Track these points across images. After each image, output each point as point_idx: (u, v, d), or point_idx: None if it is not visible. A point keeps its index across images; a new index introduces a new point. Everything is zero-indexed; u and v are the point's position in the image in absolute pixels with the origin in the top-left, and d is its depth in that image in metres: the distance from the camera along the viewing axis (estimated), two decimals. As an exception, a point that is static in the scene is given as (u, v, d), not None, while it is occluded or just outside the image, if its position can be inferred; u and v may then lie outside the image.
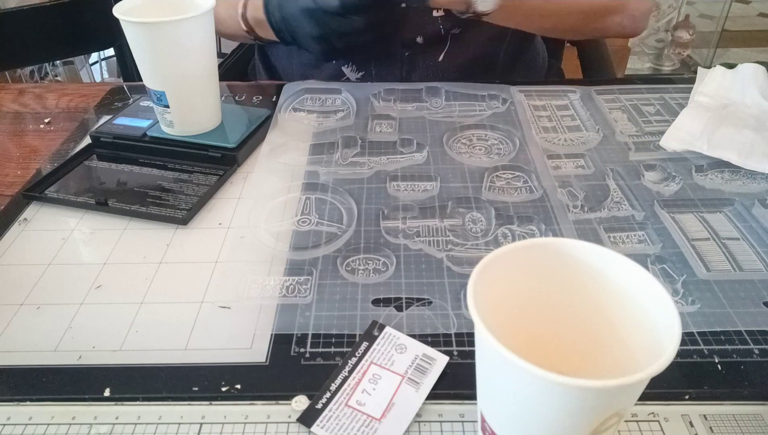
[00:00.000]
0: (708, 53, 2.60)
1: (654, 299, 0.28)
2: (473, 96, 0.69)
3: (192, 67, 0.56)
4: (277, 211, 0.52)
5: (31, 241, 0.50)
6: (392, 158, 0.59)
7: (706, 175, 0.56)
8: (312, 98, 0.70)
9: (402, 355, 0.38)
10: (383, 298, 0.43)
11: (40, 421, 0.35)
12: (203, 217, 0.52)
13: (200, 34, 0.54)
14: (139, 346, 0.40)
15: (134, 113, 0.64)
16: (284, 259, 0.47)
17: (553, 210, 0.51)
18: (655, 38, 2.61)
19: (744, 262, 0.46)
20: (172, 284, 0.45)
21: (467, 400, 0.36)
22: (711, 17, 2.62)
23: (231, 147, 0.58)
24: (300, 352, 0.39)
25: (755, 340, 0.40)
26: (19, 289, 0.45)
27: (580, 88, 0.71)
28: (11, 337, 0.41)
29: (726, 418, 0.35)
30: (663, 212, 0.51)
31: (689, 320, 0.41)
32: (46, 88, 0.76)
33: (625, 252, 0.33)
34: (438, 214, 0.51)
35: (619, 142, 0.61)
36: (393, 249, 0.47)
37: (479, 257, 0.29)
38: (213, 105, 0.61)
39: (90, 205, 0.53)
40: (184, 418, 0.35)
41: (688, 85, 0.70)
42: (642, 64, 2.59)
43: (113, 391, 0.37)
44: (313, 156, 0.59)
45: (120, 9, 0.53)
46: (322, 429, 0.34)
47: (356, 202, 0.53)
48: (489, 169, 0.57)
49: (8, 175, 0.59)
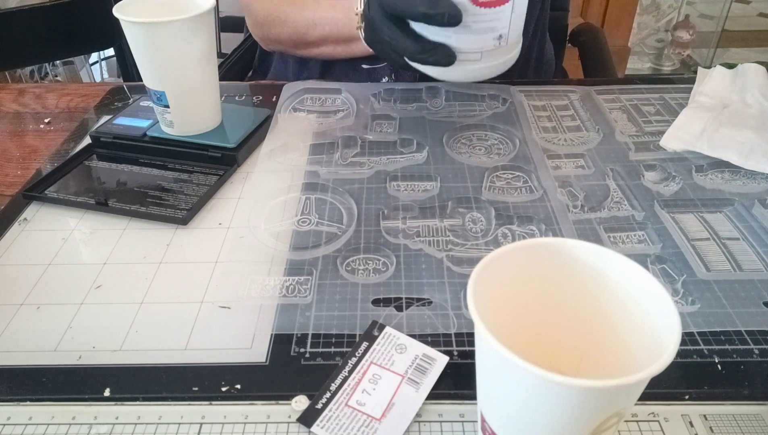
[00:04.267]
0: (708, 53, 2.60)
1: (654, 299, 0.28)
2: (473, 96, 0.69)
3: (192, 67, 0.56)
4: (277, 211, 0.52)
5: (31, 241, 0.50)
6: (392, 158, 0.59)
7: (706, 175, 0.56)
8: (312, 98, 0.70)
9: (402, 355, 0.38)
10: (383, 298, 0.43)
11: (40, 421, 0.35)
12: (203, 217, 0.52)
13: (200, 34, 0.54)
14: (139, 346, 0.40)
15: (134, 113, 0.64)
16: (284, 259, 0.47)
17: (553, 210, 0.51)
18: (655, 38, 2.62)
19: (744, 262, 0.46)
20: (172, 284, 0.45)
21: (467, 400, 0.36)
22: (711, 17, 2.62)
23: (231, 147, 0.58)
24: (300, 352, 0.39)
25: (755, 340, 0.40)
26: (19, 289, 0.45)
27: (580, 88, 0.71)
28: (11, 337, 0.41)
29: (726, 418, 0.35)
30: (663, 212, 0.51)
31: (689, 320, 0.41)
32: (46, 88, 0.76)
33: (625, 252, 0.33)
34: (438, 214, 0.51)
35: (619, 142, 0.61)
36: (393, 249, 0.47)
37: (479, 257, 0.29)
38: (213, 105, 0.61)
39: (90, 205, 0.53)
40: (184, 418, 0.35)
41: (688, 85, 0.70)
42: (642, 64, 2.59)
43: (113, 391, 0.37)
44: (313, 156, 0.59)
45: (120, 9, 0.53)
46: (322, 429, 0.34)
47: (356, 202, 0.53)
48: (489, 169, 0.57)
49: (8, 175, 0.59)
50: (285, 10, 0.73)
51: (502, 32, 0.53)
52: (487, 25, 0.52)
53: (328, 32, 0.70)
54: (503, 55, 0.56)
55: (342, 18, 0.68)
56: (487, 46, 0.54)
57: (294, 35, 0.73)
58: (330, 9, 0.69)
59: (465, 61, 0.54)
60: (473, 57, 0.54)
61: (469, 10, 0.50)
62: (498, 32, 0.53)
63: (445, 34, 0.53)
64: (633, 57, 2.48)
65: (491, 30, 0.53)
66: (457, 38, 0.53)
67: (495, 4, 0.51)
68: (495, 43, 0.54)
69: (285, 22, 0.73)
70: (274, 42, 0.78)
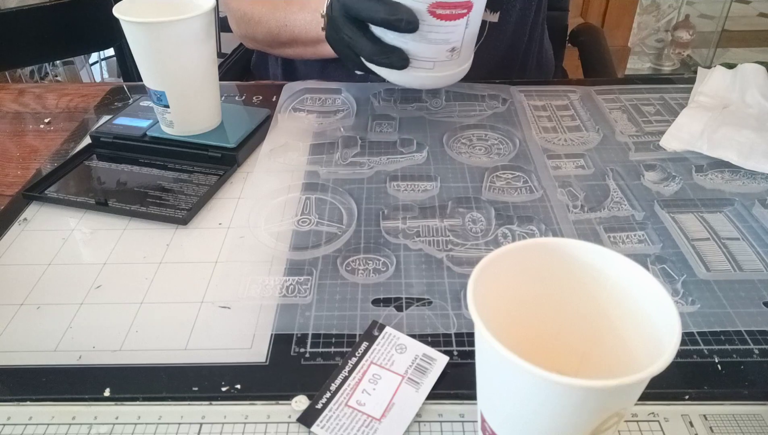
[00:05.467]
0: (708, 53, 2.60)
1: (654, 299, 0.28)
2: (473, 96, 0.69)
3: (192, 67, 0.56)
4: (277, 211, 0.52)
5: (31, 241, 0.50)
6: (392, 158, 0.59)
7: (706, 175, 0.56)
8: (312, 98, 0.70)
9: (402, 355, 0.38)
10: (383, 298, 0.43)
11: (40, 421, 0.35)
12: (203, 217, 0.52)
13: (200, 34, 0.54)
14: (139, 346, 0.40)
15: (134, 113, 0.64)
16: (284, 259, 0.47)
17: (553, 210, 0.51)
18: (655, 38, 2.62)
19: (744, 262, 0.46)
20: (172, 284, 0.45)
21: (467, 400, 0.36)
22: (711, 17, 2.62)
23: (231, 147, 0.58)
24: (300, 352, 0.39)
25: (755, 340, 0.40)
26: (19, 289, 0.45)
27: (580, 88, 0.71)
28: (11, 337, 0.41)
29: (726, 418, 0.35)
30: (663, 212, 0.51)
31: (689, 320, 0.41)
32: (46, 88, 0.76)
33: (625, 252, 0.33)
34: (438, 214, 0.51)
35: (619, 142, 0.61)
36: (393, 249, 0.47)
37: (479, 257, 0.29)
38: (213, 105, 0.61)
39: (90, 205, 0.53)
40: (184, 418, 0.35)
41: (688, 85, 0.70)
42: (642, 64, 2.60)
43: (113, 391, 0.37)
44: (313, 156, 0.59)
45: (120, 9, 0.53)
46: (322, 429, 0.34)
47: (356, 202, 0.53)
48: (489, 169, 0.57)
49: (8, 175, 0.59)
50: (259, 10, 0.74)
51: (456, 45, 0.56)
52: (442, 36, 0.55)
53: (297, 33, 0.71)
54: (454, 68, 0.59)
55: (311, 20, 0.70)
56: (440, 57, 0.56)
57: (267, 35, 0.75)
58: (300, 11, 0.71)
59: (418, 68, 0.57)
60: (426, 65, 0.57)
61: (426, 21, 0.53)
62: (452, 45, 0.56)
63: (402, 40, 0.55)
64: (633, 57, 2.49)
65: (445, 42, 0.55)
66: (413, 45, 0.55)
67: (451, 18, 0.53)
68: (448, 55, 0.57)
69: (259, 22, 0.75)
70: (251, 41, 0.80)
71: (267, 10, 0.73)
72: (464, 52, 0.58)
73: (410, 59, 0.56)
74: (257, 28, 0.75)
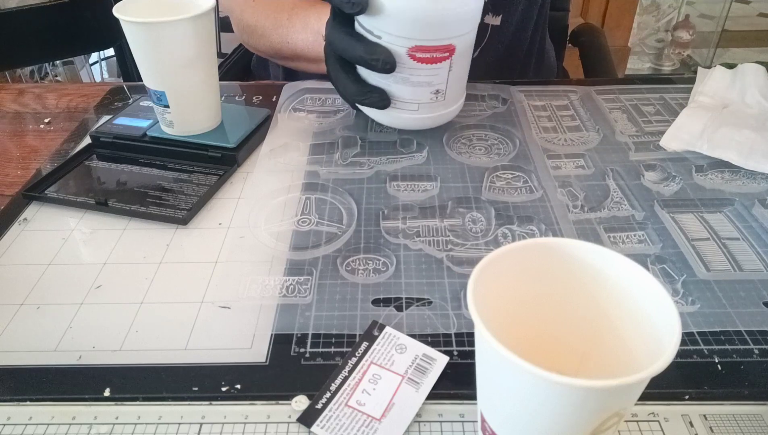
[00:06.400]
0: (708, 53, 2.60)
1: (654, 299, 0.28)
2: (473, 96, 0.69)
3: (192, 67, 0.56)
4: (277, 211, 0.52)
5: (31, 241, 0.50)
6: (392, 158, 0.59)
7: (706, 175, 0.56)
8: (312, 98, 0.70)
9: (402, 355, 0.38)
10: (383, 298, 0.43)
11: (40, 421, 0.35)
12: (203, 217, 0.52)
13: (200, 34, 0.54)
14: (139, 346, 0.40)
15: (134, 113, 0.64)
16: (284, 259, 0.47)
17: (553, 210, 0.52)
18: (655, 38, 2.62)
19: (744, 262, 0.46)
20: (172, 284, 0.45)
21: (467, 400, 0.36)
22: (711, 17, 2.62)
23: (231, 147, 0.58)
24: (300, 352, 0.39)
25: (755, 340, 0.40)
26: (19, 289, 0.45)
27: (580, 88, 0.71)
28: (11, 337, 0.41)
29: (726, 418, 0.35)
30: (663, 212, 0.51)
31: (689, 320, 0.41)
32: (46, 88, 0.76)
33: (625, 252, 0.33)
34: (438, 214, 0.51)
35: (619, 142, 0.61)
36: (393, 249, 0.47)
37: (479, 257, 0.29)
38: (213, 105, 0.61)
39: (90, 205, 0.53)
40: (184, 418, 0.35)
41: (688, 85, 0.70)
42: (642, 64, 2.60)
43: (113, 391, 0.37)
44: (313, 156, 0.59)
45: (120, 9, 0.53)
46: (322, 429, 0.34)
47: (356, 202, 0.53)
48: (489, 169, 0.57)
49: (8, 175, 0.59)
50: (263, 24, 0.74)
51: (440, 88, 0.55)
52: (423, 79, 0.54)
53: (300, 50, 0.71)
54: (441, 109, 0.58)
55: (313, 40, 0.69)
56: (423, 99, 0.56)
57: (270, 49, 0.75)
58: (302, 30, 0.71)
59: (402, 110, 0.57)
60: (410, 107, 0.57)
61: (406, 63, 0.53)
62: (435, 87, 0.55)
63: (385, 82, 0.55)
64: (633, 57, 2.49)
65: (428, 84, 0.55)
66: (396, 87, 0.55)
67: (432, 61, 0.53)
68: (432, 97, 0.56)
69: (262, 36, 0.74)
70: (254, 50, 0.80)
71: (270, 25, 0.73)
72: (451, 95, 0.57)
73: (394, 100, 0.56)
74: (260, 41, 0.75)
